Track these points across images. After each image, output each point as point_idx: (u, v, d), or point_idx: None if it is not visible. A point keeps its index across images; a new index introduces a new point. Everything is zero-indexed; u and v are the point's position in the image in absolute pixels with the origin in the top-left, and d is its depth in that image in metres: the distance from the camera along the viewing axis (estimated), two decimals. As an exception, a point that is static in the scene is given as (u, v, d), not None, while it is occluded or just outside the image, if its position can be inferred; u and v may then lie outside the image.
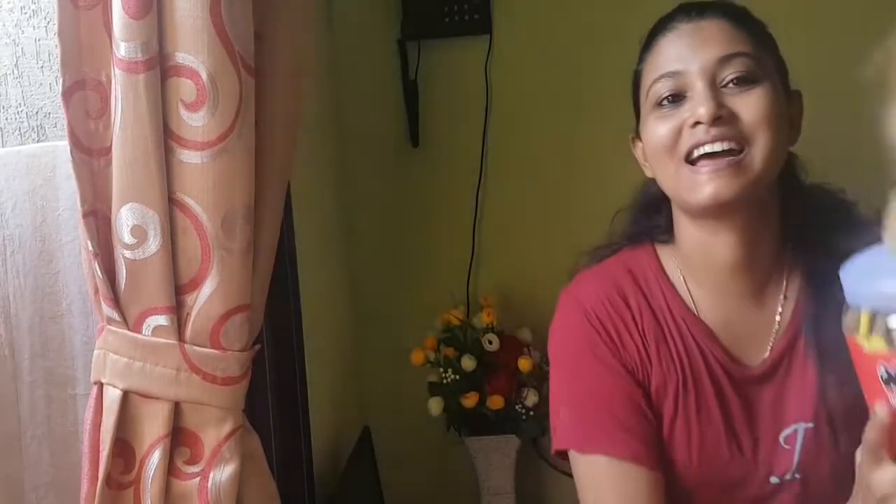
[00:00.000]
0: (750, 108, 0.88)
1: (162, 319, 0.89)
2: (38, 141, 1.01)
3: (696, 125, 0.89)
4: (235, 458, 0.91)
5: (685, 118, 0.90)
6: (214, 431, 0.91)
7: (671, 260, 1.00)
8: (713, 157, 0.88)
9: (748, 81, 0.89)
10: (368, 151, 1.83)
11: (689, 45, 0.92)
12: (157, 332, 0.89)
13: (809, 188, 1.00)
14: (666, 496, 0.93)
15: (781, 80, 0.94)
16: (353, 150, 1.82)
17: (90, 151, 0.90)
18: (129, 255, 0.88)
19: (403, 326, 1.79)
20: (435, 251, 1.82)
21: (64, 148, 0.90)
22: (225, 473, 0.91)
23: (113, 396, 0.90)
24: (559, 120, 1.77)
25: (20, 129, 1.01)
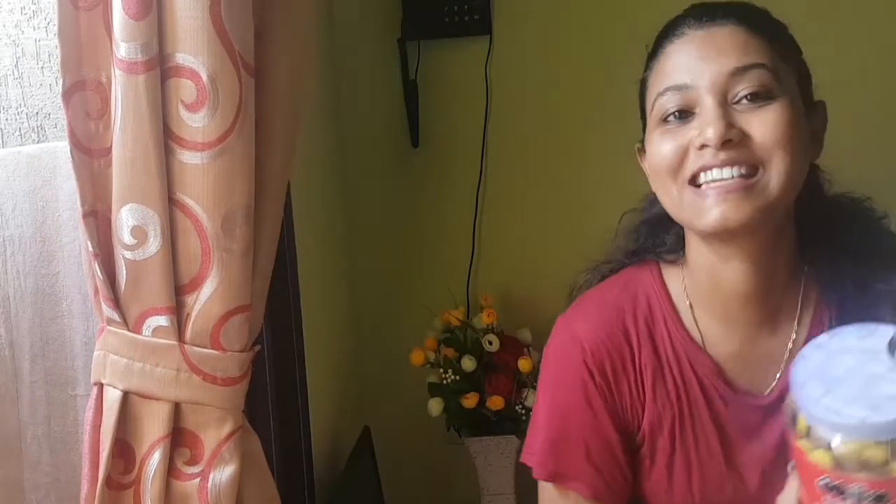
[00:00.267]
0: (764, 127, 0.80)
1: (162, 320, 0.89)
2: (38, 142, 1.01)
3: (703, 147, 0.81)
4: (235, 458, 0.91)
5: (692, 137, 0.82)
6: (214, 432, 0.91)
7: (677, 283, 0.93)
8: (721, 179, 0.81)
9: (763, 97, 0.81)
10: (368, 151, 1.83)
11: (698, 54, 0.83)
12: (157, 332, 0.89)
13: (829, 200, 0.92)
14: None
15: (802, 91, 0.86)
16: (353, 150, 1.82)
17: (90, 152, 0.90)
18: (129, 255, 0.88)
19: (403, 327, 1.79)
20: (435, 251, 1.82)
21: (64, 148, 0.90)
22: (225, 474, 0.91)
23: (113, 397, 0.90)
24: (559, 120, 1.77)
25: (20, 129, 1.01)
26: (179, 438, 0.91)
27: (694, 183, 0.83)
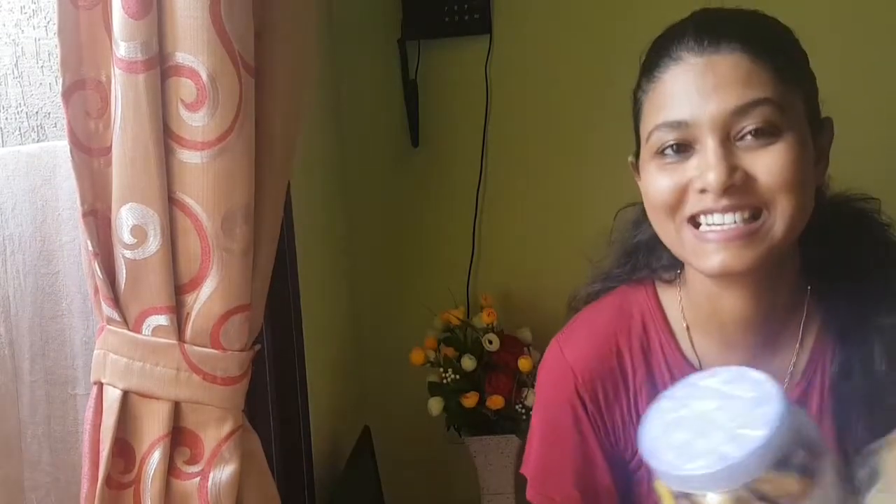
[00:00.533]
0: (770, 169, 0.75)
1: (162, 319, 0.89)
2: (38, 141, 1.01)
3: (703, 192, 0.77)
4: (235, 457, 0.91)
5: (691, 178, 0.77)
6: (214, 431, 0.91)
7: (674, 305, 0.90)
8: (723, 224, 0.76)
9: (768, 133, 0.76)
10: (368, 151, 1.83)
11: (698, 87, 0.77)
12: (157, 331, 0.90)
13: (830, 205, 0.87)
14: None
15: (809, 110, 0.80)
16: (352, 149, 1.82)
17: (90, 151, 0.90)
18: (129, 254, 0.88)
19: (403, 326, 1.79)
20: (435, 251, 1.82)
21: (64, 148, 0.90)
22: (225, 473, 0.91)
23: (113, 396, 0.90)
24: (559, 120, 1.77)
25: (20, 128, 1.01)
26: (179, 438, 0.91)
27: (693, 222, 0.79)
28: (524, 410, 1.62)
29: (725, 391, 0.71)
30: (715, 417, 0.69)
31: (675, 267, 0.90)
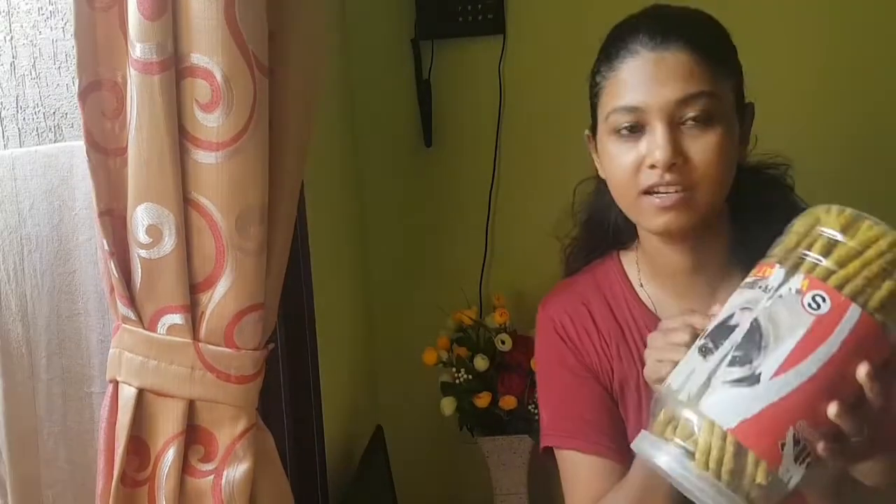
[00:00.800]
0: (702, 152, 0.92)
1: (177, 318, 0.90)
2: (55, 141, 1.01)
3: (653, 167, 0.92)
4: (249, 456, 0.92)
5: (643, 155, 0.93)
6: (228, 429, 0.91)
7: (633, 266, 1.07)
8: (666, 194, 0.93)
9: (704, 120, 0.92)
10: (382, 151, 1.83)
11: (650, 78, 0.93)
12: (171, 330, 0.90)
13: (748, 170, 1.03)
14: None
15: (737, 99, 0.96)
16: (366, 149, 1.82)
17: (106, 151, 0.90)
18: (144, 254, 0.89)
19: (416, 326, 1.79)
20: (448, 251, 1.83)
21: (81, 148, 0.91)
22: (238, 471, 0.91)
23: (128, 394, 0.90)
24: (573, 120, 1.76)
25: (38, 129, 1.02)
26: (194, 436, 0.92)
27: (647, 192, 0.94)
28: (537, 410, 1.61)
29: None
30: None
31: (634, 237, 1.07)
